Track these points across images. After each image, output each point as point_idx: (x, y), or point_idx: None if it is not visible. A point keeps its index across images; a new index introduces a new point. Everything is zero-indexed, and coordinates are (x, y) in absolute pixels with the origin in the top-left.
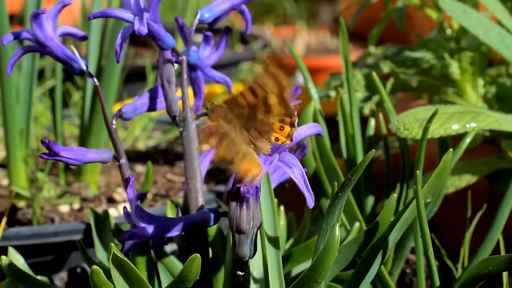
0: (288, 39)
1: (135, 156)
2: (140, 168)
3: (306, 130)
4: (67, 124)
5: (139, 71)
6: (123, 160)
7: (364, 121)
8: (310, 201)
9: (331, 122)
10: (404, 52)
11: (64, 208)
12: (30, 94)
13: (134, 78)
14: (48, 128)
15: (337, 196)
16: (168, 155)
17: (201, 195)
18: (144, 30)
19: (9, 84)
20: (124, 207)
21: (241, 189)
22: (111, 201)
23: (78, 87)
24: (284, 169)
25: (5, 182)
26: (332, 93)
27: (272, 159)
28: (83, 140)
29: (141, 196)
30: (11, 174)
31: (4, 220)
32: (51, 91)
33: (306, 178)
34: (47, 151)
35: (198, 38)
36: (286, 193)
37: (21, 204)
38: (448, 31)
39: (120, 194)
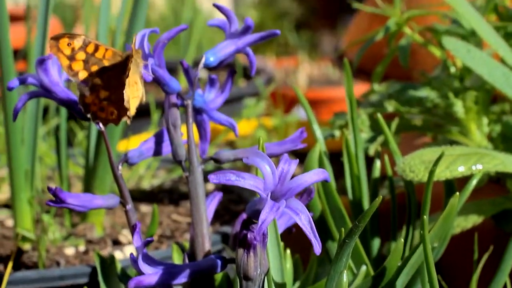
0: (290, 70)
1: (140, 196)
2: (145, 208)
3: (313, 176)
4: (72, 164)
5: (144, 107)
6: (129, 206)
7: (368, 160)
8: (317, 248)
9: (333, 157)
10: (407, 90)
11: (69, 251)
12: (35, 135)
13: (138, 114)
14: (52, 168)
15: (344, 242)
16: (172, 195)
17: (207, 240)
18: (149, 77)
19: (14, 125)
20: (131, 254)
21: (248, 236)
22: (117, 243)
23: (83, 126)
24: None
25: (9, 223)
26: (337, 133)
27: (279, 205)
28: (88, 181)
29: (148, 243)
30: (16, 216)
31: (10, 264)
32: (56, 129)
33: (313, 224)
34: (52, 197)
35: (203, 73)
36: (291, 234)
37: (27, 246)
38: (452, 69)
39: (125, 236)
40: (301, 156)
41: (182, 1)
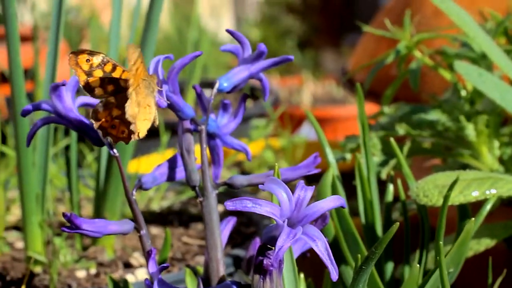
0: (294, 89)
1: (150, 218)
2: (155, 230)
3: (330, 203)
4: (81, 185)
5: (152, 128)
6: (144, 231)
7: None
8: (334, 274)
9: (343, 178)
10: (417, 112)
11: (80, 274)
12: (46, 158)
13: (148, 135)
14: (62, 190)
15: (361, 269)
16: (182, 216)
17: (222, 265)
18: (164, 103)
19: (25, 147)
20: (146, 280)
21: (265, 262)
22: (128, 266)
23: (92, 148)
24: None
25: (19, 245)
26: (348, 156)
27: (295, 232)
28: (98, 204)
29: (163, 269)
30: (27, 239)
31: None
32: (65, 151)
33: (329, 251)
34: (67, 222)
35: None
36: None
37: (38, 269)
38: (463, 93)
39: (136, 258)
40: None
41: (186, 21)
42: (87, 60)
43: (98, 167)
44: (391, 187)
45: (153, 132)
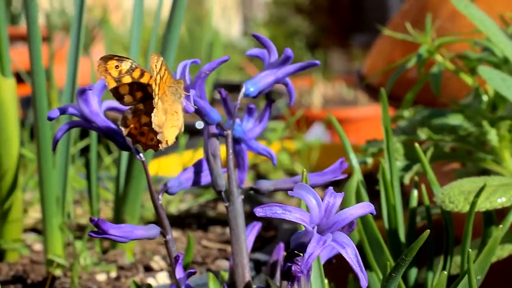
0: (304, 90)
1: (168, 221)
2: (174, 233)
3: (359, 209)
4: (100, 188)
5: None
6: (169, 236)
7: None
8: (364, 282)
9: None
10: (436, 117)
11: (101, 277)
12: (66, 160)
13: None
14: (79, 192)
15: (390, 276)
16: (200, 219)
17: (247, 271)
18: (191, 108)
19: (46, 149)
20: (172, 285)
21: (293, 268)
22: (148, 269)
23: (110, 150)
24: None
25: (37, 247)
26: (369, 160)
27: (325, 239)
28: (118, 208)
29: (191, 275)
30: (47, 242)
31: None
32: (81, 152)
33: (359, 258)
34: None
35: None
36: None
37: (58, 272)
38: (484, 98)
39: (157, 262)
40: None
41: (197, 22)
42: (116, 67)
43: (118, 170)
44: (415, 193)
45: None
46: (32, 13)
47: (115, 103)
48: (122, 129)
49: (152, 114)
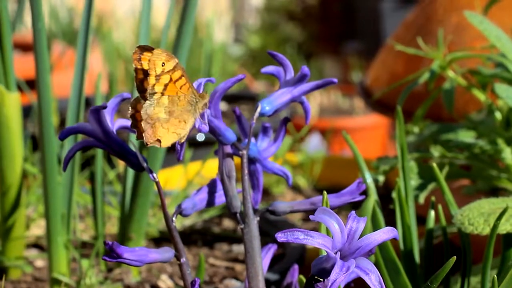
0: None
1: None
2: None
3: (383, 235)
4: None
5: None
6: (184, 259)
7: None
8: None
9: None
10: (445, 132)
11: None
12: (72, 177)
13: (170, 148)
14: (83, 206)
15: None
16: (206, 236)
17: None
18: (205, 128)
19: (51, 165)
20: None
21: None
22: None
23: (113, 165)
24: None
25: (39, 263)
26: (381, 178)
27: (349, 265)
28: (124, 225)
29: None
30: (52, 260)
31: None
32: (82, 165)
33: (383, 285)
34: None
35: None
36: None
37: None
38: (498, 115)
39: (164, 281)
40: None
41: (194, 31)
42: (163, 64)
43: (124, 187)
44: (432, 213)
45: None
46: (38, 24)
47: (127, 122)
48: (130, 108)
49: (145, 104)
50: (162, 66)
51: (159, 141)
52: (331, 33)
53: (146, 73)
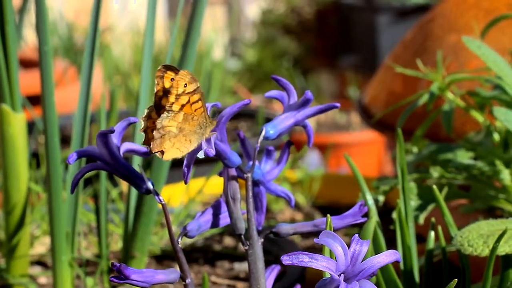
0: None
1: (174, 255)
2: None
3: (386, 258)
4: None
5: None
6: (189, 280)
7: None
8: None
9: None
10: (443, 152)
11: None
12: (76, 195)
13: (176, 164)
14: (86, 224)
15: None
16: (207, 254)
17: None
18: (212, 152)
19: (56, 184)
20: None
21: None
22: None
23: (116, 183)
24: None
25: (42, 280)
26: (381, 198)
27: (352, 287)
28: (127, 243)
29: None
30: (56, 278)
31: None
32: (86, 184)
33: None
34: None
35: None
36: None
37: None
38: (496, 136)
39: None
40: None
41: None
42: (185, 85)
43: (127, 206)
44: (432, 234)
45: (178, 162)
46: (44, 50)
47: (134, 146)
48: (145, 111)
49: (163, 115)
50: (184, 87)
51: (162, 152)
52: (327, 47)
53: (165, 92)
